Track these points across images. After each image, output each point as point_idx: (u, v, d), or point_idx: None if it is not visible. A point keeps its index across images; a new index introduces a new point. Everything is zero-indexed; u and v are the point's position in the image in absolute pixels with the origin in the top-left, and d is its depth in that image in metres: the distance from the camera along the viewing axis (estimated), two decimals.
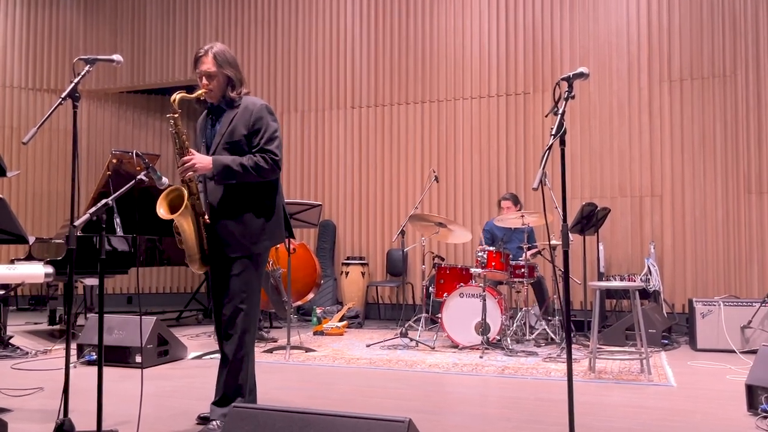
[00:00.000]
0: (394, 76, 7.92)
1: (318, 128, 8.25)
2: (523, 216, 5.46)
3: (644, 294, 6.23)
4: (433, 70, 7.74)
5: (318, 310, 6.87)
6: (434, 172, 6.64)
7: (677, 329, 6.27)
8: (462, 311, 5.37)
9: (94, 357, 4.57)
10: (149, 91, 9.49)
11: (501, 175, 7.37)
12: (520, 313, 5.69)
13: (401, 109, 7.87)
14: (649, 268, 6.31)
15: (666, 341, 5.54)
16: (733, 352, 5.14)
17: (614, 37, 7.07)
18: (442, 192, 7.60)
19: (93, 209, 2.49)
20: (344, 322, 6.56)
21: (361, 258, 7.72)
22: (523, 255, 5.55)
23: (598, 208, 5.96)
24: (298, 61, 8.36)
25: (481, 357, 4.94)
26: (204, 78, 2.91)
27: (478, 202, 7.44)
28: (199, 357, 5.04)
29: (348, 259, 7.75)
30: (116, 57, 2.87)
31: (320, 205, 5.66)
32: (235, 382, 2.88)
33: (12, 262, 5.83)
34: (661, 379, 4.22)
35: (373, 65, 8.01)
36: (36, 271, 5.21)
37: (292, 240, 4.95)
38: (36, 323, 7.07)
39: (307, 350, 5.28)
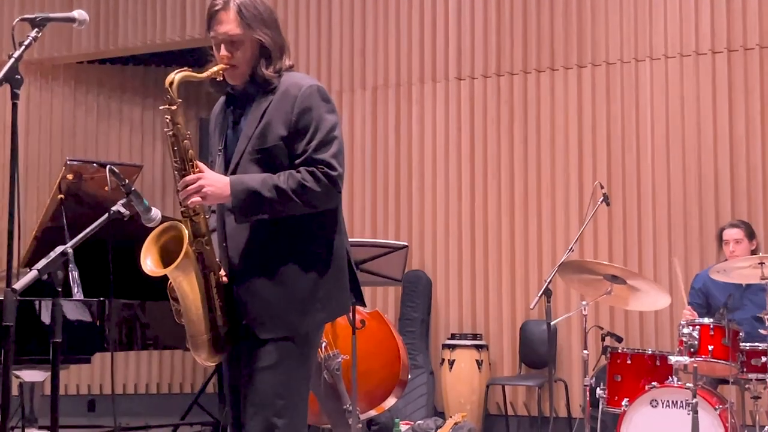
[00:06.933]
0: (530, 27, 7.93)
1: (401, 114, 8.37)
2: (762, 264, 5.36)
3: None
4: (597, 18, 7.70)
5: (403, 426, 6.89)
6: (602, 187, 6.58)
7: None
8: (656, 430, 5.30)
9: None
10: (125, 59, 9.88)
11: (721, 191, 7.20)
12: None
13: (542, 78, 7.87)
14: None
15: None
16: None
17: None
18: (616, 222, 7.52)
19: (42, 263, 2.62)
20: None
21: (475, 336, 7.73)
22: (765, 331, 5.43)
23: None
24: (367, 10, 8.52)
25: None
26: (223, 46, 3.02)
27: (681, 239, 7.29)
28: None
29: (453, 337, 7.78)
30: (78, 14, 3.02)
31: (406, 246, 5.71)
32: None
33: None
34: None
35: (493, 12, 8.05)
36: None
37: (359, 308, 5.01)
38: None
39: None
